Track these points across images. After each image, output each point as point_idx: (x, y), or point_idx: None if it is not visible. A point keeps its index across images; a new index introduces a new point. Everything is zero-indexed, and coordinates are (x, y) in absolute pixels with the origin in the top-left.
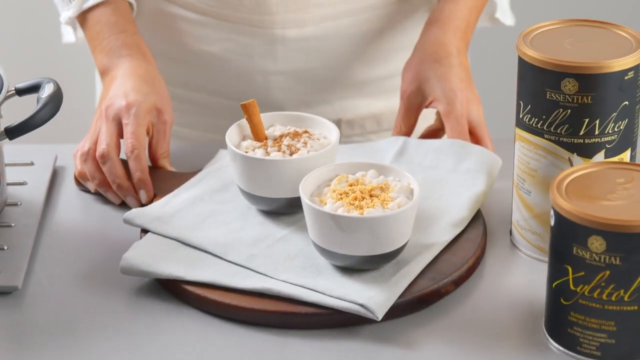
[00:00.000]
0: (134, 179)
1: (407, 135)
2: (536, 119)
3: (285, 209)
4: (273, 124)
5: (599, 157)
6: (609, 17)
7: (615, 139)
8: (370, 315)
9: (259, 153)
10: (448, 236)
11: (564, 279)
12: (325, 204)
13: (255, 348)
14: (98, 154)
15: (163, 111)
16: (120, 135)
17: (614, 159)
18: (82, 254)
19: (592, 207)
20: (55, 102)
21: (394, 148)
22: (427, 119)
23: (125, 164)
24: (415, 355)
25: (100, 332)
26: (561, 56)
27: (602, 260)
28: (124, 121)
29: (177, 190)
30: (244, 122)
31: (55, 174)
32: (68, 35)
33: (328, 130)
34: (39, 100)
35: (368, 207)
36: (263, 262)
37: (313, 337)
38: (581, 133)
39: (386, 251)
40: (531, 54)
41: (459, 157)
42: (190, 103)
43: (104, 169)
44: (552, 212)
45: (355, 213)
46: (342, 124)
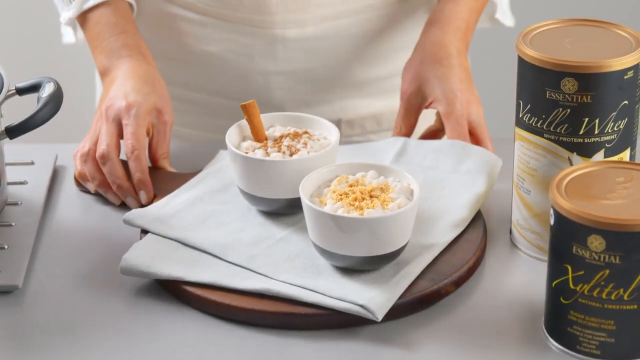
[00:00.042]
0: (134, 180)
1: (407, 135)
2: (536, 119)
3: (285, 210)
4: (273, 124)
5: (599, 157)
6: (609, 17)
7: (614, 139)
8: (370, 316)
9: (259, 154)
10: (448, 237)
11: (563, 278)
12: (325, 204)
13: (255, 349)
14: (98, 154)
15: (163, 112)
16: (120, 136)
17: (614, 158)
18: (83, 253)
19: (592, 207)
20: (55, 102)
21: (394, 149)
22: (427, 119)
23: (125, 165)
24: (416, 355)
25: (100, 332)
26: (561, 56)
27: (602, 259)
28: (124, 122)
29: (177, 191)
30: (244, 123)
31: (56, 174)
32: (68, 36)
33: (328, 131)
34: (39, 99)
35: (368, 208)
36: (263, 263)
37: (313, 338)
38: (581, 132)
39: (386, 252)
40: (531, 53)
41: (459, 158)
42: (191, 103)
43: (104, 169)
44: (552, 212)
45: (355, 214)
46: (342, 124)
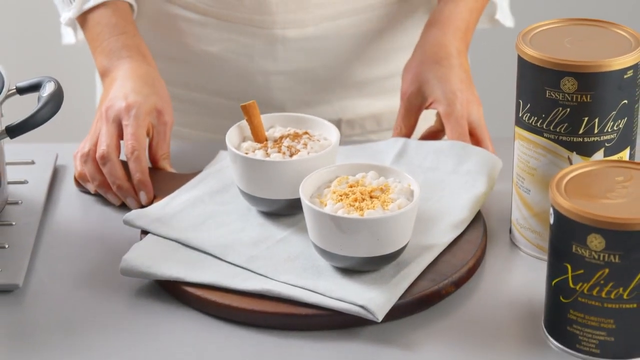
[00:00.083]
0: (134, 180)
1: (407, 136)
2: (536, 118)
3: (286, 210)
4: (273, 125)
5: (598, 156)
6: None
7: (614, 138)
8: (370, 316)
9: (259, 154)
10: (448, 237)
11: (563, 277)
12: (326, 205)
13: (255, 349)
14: (98, 155)
15: (163, 112)
16: (120, 137)
17: (613, 158)
18: (83, 253)
19: (591, 206)
20: (56, 101)
21: (394, 149)
22: (427, 120)
23: (126, 166)
24: (416, 356)
25: (100, 332)
26: (560, 55)
27: (601, 258)
28: (124, 122)
29: (177, 192)
30: (244, 124)
31: (56, 173)
32: (68, 36)
33: (328, 132)
34: (39, 99)
35: (368, 209)
36: (263, 264)
37: (313, 339)
38: (580, 132)
39: (386, 252)
40: (531, 52)
41: (459, 159)
42: (191, 103)
43: (104, 170)
44: (552, 211)
45: (355, 214)
46: (342, 123)
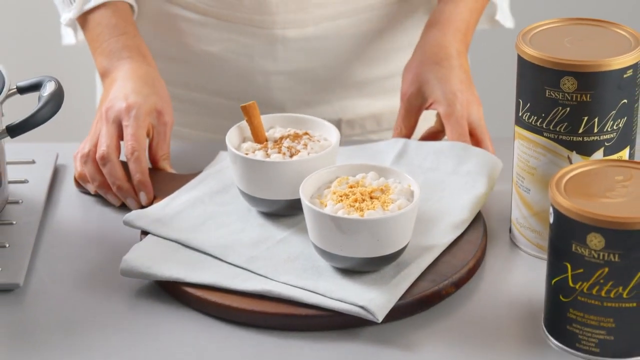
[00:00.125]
0: (134, 181)
1: (407, 137)
2: (535, 117)
3: (286, 211)
4: (273, 125)
5: (598, 155)
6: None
7: (614, 137)
8: (370, 317)
9: (259, 155)
10: (448, 238)
11: (563, 276)
12: (326, 205)
13: (255, 350)
14: (98, 155)
15: (163, 113)
16: (120, 137)
17: (613, 157)
18: (83, 253)
19: (591, 205)
20: (56, 101)
21: (394, 150)
22: (427, 120)
23: (126, 166)
24: (416, 356)
25: (100, 332)
26: (560, 54)
27: (601, 257)
28: (124, 123)
29: (177, 192)
30: (244, 124)
31: (57, 172)
32: (68, 37)
33: (328, 132)
34: (40, 98)
35: (368, 209)
36: (263, 264)
37: (313, 339)
38: (580, 131)
39: (386, 253)
40: (530, 52)
41: (460, 159)
42: (191, 103)
43: (104, 170)
44: (551, 210)
45: (355, 215)
46: (342, 123)
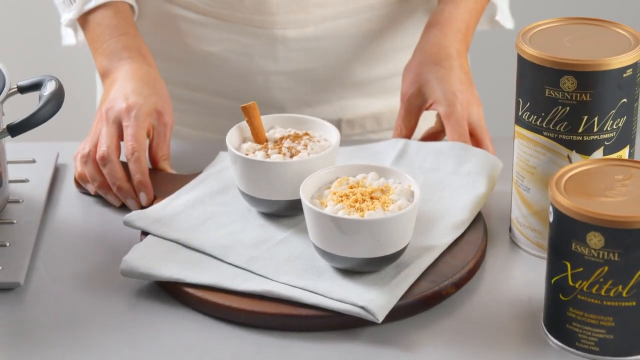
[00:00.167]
0: (134, 182)
1: (408, 137)
2: (535, 117)
3: (286, 212)
4: (273, 126)
5: (598, 154)
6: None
7: (613, 136)
8: (370, 317)
9: (260, 155)
10: (449, 238)
11: (562, 275)
12: (326, 206)
13: (255, 350)
14: (98, 156)
15: (163, 113)
16: (120, 138)
17: (613, 156)
18: (84, 252)
19: (591, 204)
20: (57, 100)
21: (394, 150)
22: (428, 120)
23: (126, 167)
24: (416, 357)
25: (100, 332)
26: (560, 54)
27: (601, 256)
28: (125, 123)
29: (178, 193)
30: (244, 125)
31: (57, 172)
32: (68, 37)
33: (328, 133)
34: (40, 97)
35: (369, 210)
36: (263, 265)
37: (313, 340)
38: (580, 130)
39: (387, 253)
40: (530, 51)
41: (460, 160)
42: (191, 103)
43: (104, 171)
44: (551, 209)
45: (355, 215)
46: (343, 123)
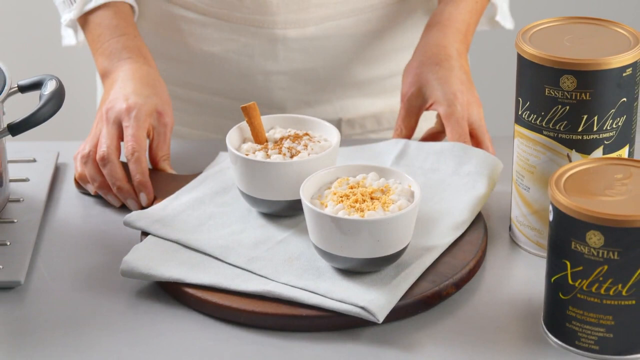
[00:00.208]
0: (134, 182)
1: (408, 137)
2: (535, 116)
3: (286, 212)
4: (273, 126)
5: (597, 153)
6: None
7: (613, 136)
8: (371, 317)
9: (260, 156)
10: (449, 239)
11: (562, 274)
12: (326, 206)
13: (255, 351)
14: (98, 156)
15: (164, 114)
16: (120, 138)
17: (612, 155)
18: (84, 252)
19: (591, 203)
20: (57, 99)
21: (394, 151)
22: (428, 120)
23: (126, 167)
24: (417, 357)
25: (101, 331)
26: (560, 53)
27: (600, 255)
28: (125, 124)
29: (178, 193)
30: (245, 125)
31: (57, 171)
32: (68, 38)
33: (329, 133)
34: (41, 97)
35: (369, 210)
36: (264, 265)
37: (314, 340)
38: (580, 129)
39: (387, 254)
40: (530, 51)
41: (460, 160)
42: (191, 103)
43: (104, 171)
44: (551, 208)
45: (356, 216)
46: (343, 123)
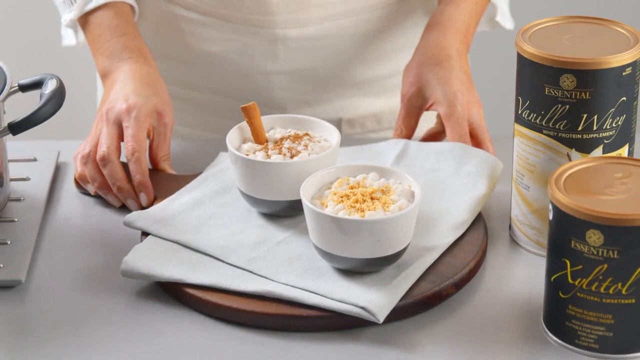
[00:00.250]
0: (134, 182)
1: (408, 137)
2: (535, 115)
3: (286, 212)
4: (274, 126)
5: (597, 153)
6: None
7: (613, 135)
8: (371, 318)
9: (260, 156)
10: (449, 239)
11: (562, 273)
12: (326, 206)
13: (255, 351)
14: (98, 156)
15: (164, 114)
16: (120, 138)
17: (612, 154)
18: (85, 251)
19: (590, 202)
20: (58, 98)
21: (394, 151)
22: (428, 120)
23: (126, 167)
24: (417, 357)
25: (101, 330)
26: (560, 52)
27: (600, 253)
28: (125, 124)
29: (178, 193)
30: (245, 125)
31: (58, 170)
32: (68, 38)
33: (329, 133)
34: (41, 96)
35: (369, 210)
36: (264, 265)
37: (314, 340)
38: (579, 128)
39: (387, 254)
40: (530, 50)
41: (460, 160)
42: (192, 102)
43: (105, 171)
44: (551, 207)
45: (356, 216)
46: (343, 123)
